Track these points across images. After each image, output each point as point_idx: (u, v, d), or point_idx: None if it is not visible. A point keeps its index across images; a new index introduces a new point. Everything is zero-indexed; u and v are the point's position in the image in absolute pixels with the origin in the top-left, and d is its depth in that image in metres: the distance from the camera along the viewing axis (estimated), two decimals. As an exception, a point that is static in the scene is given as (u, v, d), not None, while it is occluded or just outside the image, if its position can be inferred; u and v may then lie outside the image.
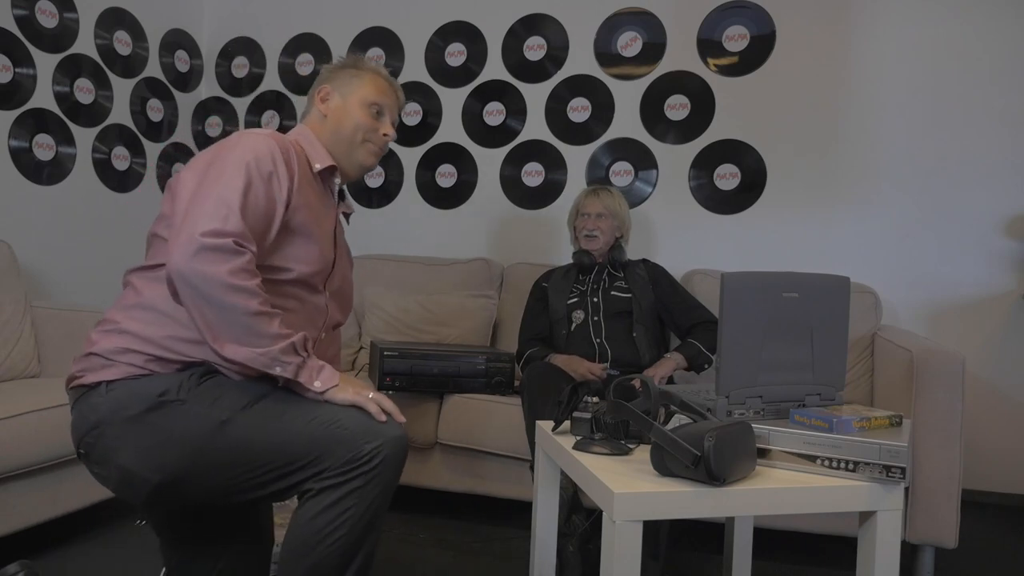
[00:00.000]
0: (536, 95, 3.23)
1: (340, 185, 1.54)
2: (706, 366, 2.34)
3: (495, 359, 2.40)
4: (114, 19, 3.10)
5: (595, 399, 1.38)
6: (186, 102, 3.55)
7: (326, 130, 1.52)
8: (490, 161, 3.29)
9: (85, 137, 3.00)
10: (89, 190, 3.03)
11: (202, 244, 1.17)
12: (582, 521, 1.98)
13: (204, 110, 3.63)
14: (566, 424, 1.44)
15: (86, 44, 2.98)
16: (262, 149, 1.32)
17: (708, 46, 3.04)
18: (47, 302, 2.61)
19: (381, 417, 1.27)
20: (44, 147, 2.83)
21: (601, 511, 1.14)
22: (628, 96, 3.12)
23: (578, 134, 3.19)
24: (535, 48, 3.24)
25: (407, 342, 2.67)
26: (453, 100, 3.33)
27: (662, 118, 3.09)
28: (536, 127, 3.23)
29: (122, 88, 3.16)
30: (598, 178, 3.14)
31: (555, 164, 3.21)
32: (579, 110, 3.18)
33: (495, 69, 3.28)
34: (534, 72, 3.24)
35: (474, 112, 3.31)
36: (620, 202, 2.57)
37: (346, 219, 1.62)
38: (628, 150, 3.13)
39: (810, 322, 1.35)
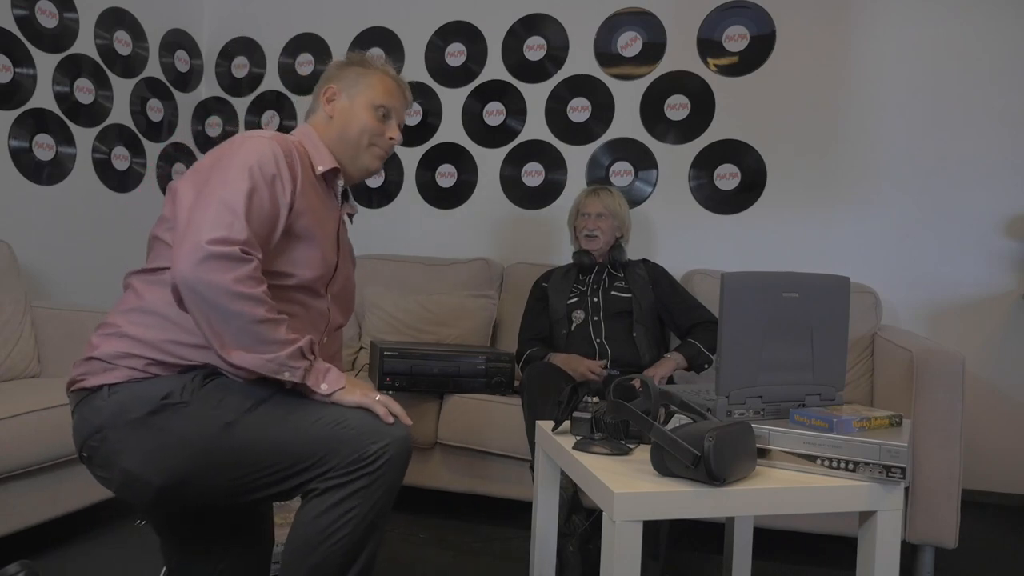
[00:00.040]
0: (536, 95, 3.23)
1: (343, 187, 1.53)
2: (706, 366, 2.34)
3: (495, 359, 2.40)
4: (114, 19, 3.10)
5: (595, 399, 1.38)
6: (186, 102, 3.55)
7: (331, 132, 1.49)
8: (490, 161, 3.29)
9: (85, 137, 3.00)
10: (89, 190, 3.03)
11: (208, 252, 1.16)
12: (582, 521, 1.98)
13: (204, 110, 3.63)
14: (566, 424, 1.44)
15: (86, 44, 2.98)
16: (265, 152, 1.30)
17: (708, 46, 3.04)
18: (47, 302, 2.61)
19: (389, 419, 1.26)
20: (44, 147, 2.83)
21: (601, 511, 1.14)
22: (628, 96, 3.12)
23: (578, 134, 3.19)
24: (535, 48, 3.24)
25: (407, 342, 2.67)
26: (453, 100, 3.33)
27: (662, 118, 3.09)
28: (536, 127, 3.23)
29: (122, 88, 3.16)
30: (598, 178, 3.14)
31: (555, 164, 3.21)
32: (579, 110, 3.18)
33: (495, 69, 3.28)
34: (534, 72, 3.24)
35: (474, 112, 3.31)
36: (620, 202, 2.57)
37: (349, 219, 1.61)
38: (628, 150, 3.13)
39: (810, 322, 1.35)
